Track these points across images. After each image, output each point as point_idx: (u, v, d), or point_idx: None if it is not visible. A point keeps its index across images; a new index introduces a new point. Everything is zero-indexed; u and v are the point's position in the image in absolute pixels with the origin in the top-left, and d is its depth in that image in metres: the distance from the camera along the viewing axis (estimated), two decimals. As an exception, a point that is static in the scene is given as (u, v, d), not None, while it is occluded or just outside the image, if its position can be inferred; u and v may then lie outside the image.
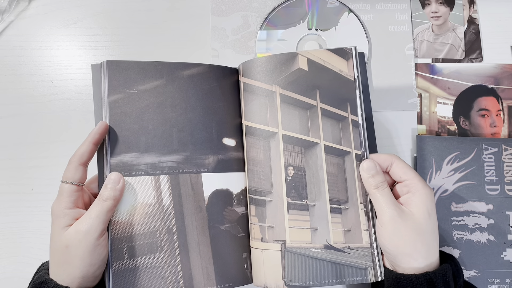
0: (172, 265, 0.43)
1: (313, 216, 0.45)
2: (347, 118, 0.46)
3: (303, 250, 0.44)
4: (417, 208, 0.40)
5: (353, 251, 0.43)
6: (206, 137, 0.46)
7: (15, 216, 0.54)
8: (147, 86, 0.45)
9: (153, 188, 0.44)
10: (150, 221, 0.44)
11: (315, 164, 0.46)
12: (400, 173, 0.42)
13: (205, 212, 0.45)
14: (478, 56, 0.58)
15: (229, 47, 0.58)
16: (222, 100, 0.47)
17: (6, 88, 0.57)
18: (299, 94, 0.46)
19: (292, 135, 0.46)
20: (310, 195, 0.45)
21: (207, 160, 0.46)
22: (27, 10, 0.59)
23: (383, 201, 0.41)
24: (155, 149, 0.45)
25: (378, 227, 0.42)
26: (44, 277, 0.40)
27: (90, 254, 0.39)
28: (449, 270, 0.40)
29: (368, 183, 0.42)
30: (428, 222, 0.40)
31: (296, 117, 0.46)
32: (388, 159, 0.43)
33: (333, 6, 0.59)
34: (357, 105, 0.46)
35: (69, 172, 0.41)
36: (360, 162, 0.44)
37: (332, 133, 0.46)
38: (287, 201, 0.45)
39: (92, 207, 0.40)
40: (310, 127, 0.46)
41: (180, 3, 0.59)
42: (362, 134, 0.45)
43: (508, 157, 0.53)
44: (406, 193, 0.42)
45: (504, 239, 0.52)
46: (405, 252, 0.40)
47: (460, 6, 0.59)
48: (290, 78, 0.47)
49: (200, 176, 0.45)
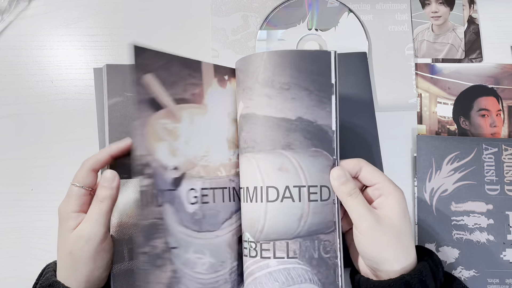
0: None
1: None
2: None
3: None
4: (392, 211, 0.40)
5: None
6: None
7: (15, 216, 0.54)
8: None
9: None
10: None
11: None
12: (370, 177, 0.41)
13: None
14: (478, 56, 0.58)
15: (229, 48, 0.58)
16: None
17: (6, 88, 0.57)
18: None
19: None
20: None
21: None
22: (27, 10, 0.59)
23: (358, 208, 0.40)
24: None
25: (357, 235, 0.40)
26: (51, 279, 0.40)
27: (94, 259, 0.39)
28: (426, 268, 0.39)
29: (340, 191, 0.40)
30: (404, 222, 0.40)
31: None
32: (357, 164, 0.42)
33: (333, 6, 0.59)
34: (332, 111, 0.42)
35: (80, 175, 0.41)
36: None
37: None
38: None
39: (90, 211, 0.40)
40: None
41: (180, 3, 0.59)
42: (335, 141, 0.42)
43: (508, 157, 0.53)
44: (379, 197, 0.41)
45: (504, 239, 0.52)
46: (387, 257, 0.39)
47: (460, 6, 0.59)
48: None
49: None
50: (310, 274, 0.41)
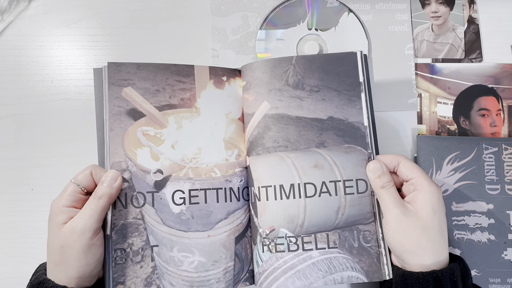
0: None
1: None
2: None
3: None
4: (422, 205, 0.41)
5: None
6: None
7: (15, 216, 0.54)
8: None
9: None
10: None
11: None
12: (406, 172, 0.43)
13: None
14: (478, 56, 0.58)
15: (229, 47, 0.58)
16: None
17: (6, 88, 0.57)
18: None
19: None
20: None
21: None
22: (27, 10, 0.59)
23: (388, 200, 0.42)
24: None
25: (384, 226, 0.42)
26: (41, 277, 0.40)
27: (85, 254, 0.39)
28: (457, 270, 0.40)
29: (375, 183, 0.43)
30: (433, 219, 0.40)
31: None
32: (395, 159, 0.44)
33: (333, 6, 0.59)
34: (362, 108, 0.46)
35: (81, 175, 0.42)
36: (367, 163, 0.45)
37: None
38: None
39: (86, 205, 0.40)
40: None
41: (180, 3, 0.59)
42: (368, 136, 0.45)
43: (508, 157, 0.53)
44: (412, 191, 0.42)
45: (505, 239, 0.51)
46: (410, 249, 0.40)
47: (460, 6, 0.59)
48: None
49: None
50: (352, 263, 0.43)
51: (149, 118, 0.45)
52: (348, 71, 0.46)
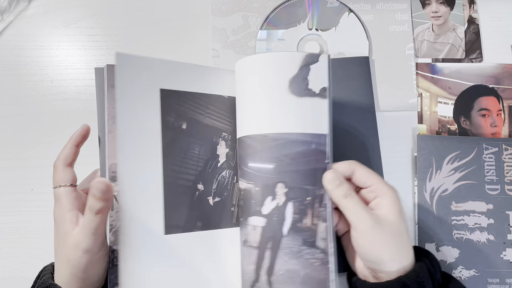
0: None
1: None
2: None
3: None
4: (389, 211, 0.40)
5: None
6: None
7: (15, 216, 0.54)
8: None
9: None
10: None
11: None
12: (364, 179, 0.41)
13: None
14: (478, 56, 0.58)
15: (230, 48, 0.58)
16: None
17: (6, 88, 0.57)
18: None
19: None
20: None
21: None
22: (27, 10, 0.59)
23: (356, 209, 0.39)
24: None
25: (355, 237, 0.40)
26: (48, 282, 0.40)
27: (92, 267, 0.39)
28: (423, 269, 0.39)
29: (335, 194, 0.40)
30: (401, 222, 0.40)
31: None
32: (349, 166, 0.41)
33: (333, 6, 0.59)
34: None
35: (57, 175, 0.41)
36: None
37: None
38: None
39: (84, 222, 0.38)
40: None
41: (180, 3, 0.59)
42: (327, 145, 0.42)
43: (508, 157, 0.53)
44: (374, 198, 0.41)
45: (504, 239, 0.52)
46: (387, 257, 0.39)
47: (461, 6, 0.59)
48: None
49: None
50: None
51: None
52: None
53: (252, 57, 0.43)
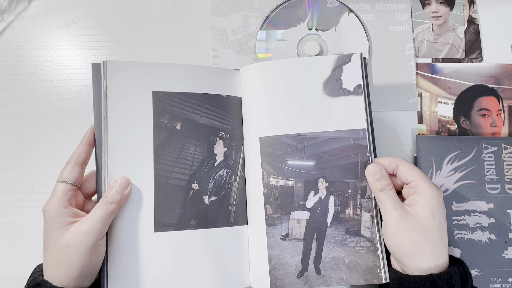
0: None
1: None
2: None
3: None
4: (421, 208, 0.40)
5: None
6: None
7: (15, 216, 0.54)
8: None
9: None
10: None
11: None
12: (406, 174, 0.42)
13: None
14: (478, 56, 0.58)
15: (230, 48, 0.58)
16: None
17: (6, 88, 0.57)
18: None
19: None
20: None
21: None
22: (27, 10, 0.59)
23: (387, 202, 0.41)
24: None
25: (383, 229, 0.42)
26: (38, 279, 0.39)
27: (90, 254, 0.39)
28: (456, 274, 0.40)
29: (374, 186, 0.43)
30: (432, 222, 0.40)
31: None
32: (394, 161, 0.43)
33: (333, 6, 0.59)
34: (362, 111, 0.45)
35: (65, 171, 0.42)
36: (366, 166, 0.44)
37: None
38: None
39: (96, 208, 0.40)
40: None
41: (180, 3, 0.59)
42: (367, 139, 0.45)
43: (508, 156, 0.53)
44: (412, 194, 0.42)
45: (506, 238, 0.51)
46: (409, 252, 0.40)
47: (460, 6, 0.59)
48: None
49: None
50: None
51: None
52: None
53: (282, 61, 0.46)
